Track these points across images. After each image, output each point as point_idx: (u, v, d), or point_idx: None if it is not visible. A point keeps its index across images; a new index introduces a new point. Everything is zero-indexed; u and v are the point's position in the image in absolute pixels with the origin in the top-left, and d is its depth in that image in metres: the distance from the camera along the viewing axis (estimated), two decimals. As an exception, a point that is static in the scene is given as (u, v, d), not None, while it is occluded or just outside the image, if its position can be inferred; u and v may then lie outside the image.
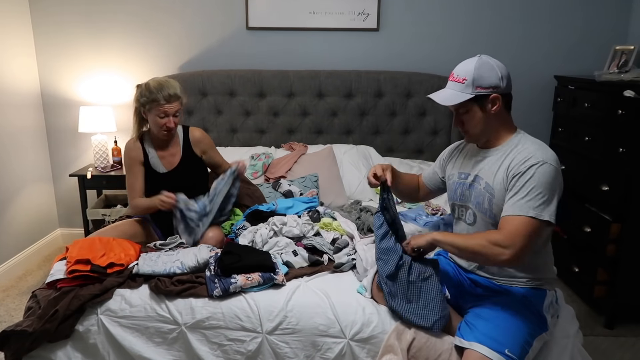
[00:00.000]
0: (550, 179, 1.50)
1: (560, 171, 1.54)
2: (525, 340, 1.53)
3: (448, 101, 1.62)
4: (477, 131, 1.64)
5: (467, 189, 1.70)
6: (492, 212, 1.61)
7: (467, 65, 1.60)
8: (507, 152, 1.61)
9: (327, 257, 2.05)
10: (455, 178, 1.77)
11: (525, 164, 1.52)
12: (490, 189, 1.61)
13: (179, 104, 2.26)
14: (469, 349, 1.50)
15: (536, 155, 1.52)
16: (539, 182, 1.49)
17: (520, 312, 1.58)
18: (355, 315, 1.69)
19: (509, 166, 1.56)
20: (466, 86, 1.58)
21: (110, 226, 2.29)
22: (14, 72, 3.20)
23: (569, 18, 3.26)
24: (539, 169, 1.50)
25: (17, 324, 1.71)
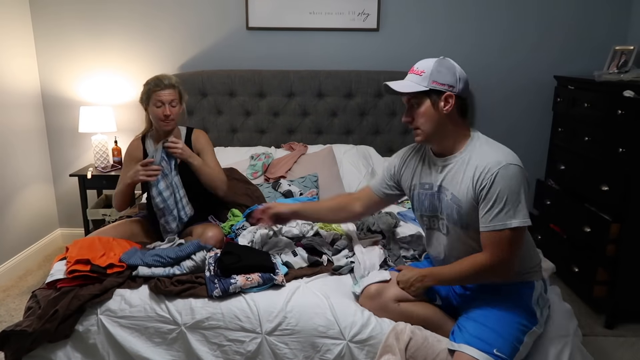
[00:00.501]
0: (515, 181, 1.50)
1: (522, 166, 1.53)
2: (515, 338, 1.53)
3: (401, 88, 1.62)
4: (426, 128, 1.62)
5: (435, 199, 1.68)
6: (463, 221, 1.61)
7: (428, 61, 1.61)
8: (467, 161, 1.59)
9: (327, 257, 2.05)
10: (419, 189, 1.74)
11: (490, 173, 1.51)
12: (457, 200, 1.60)
13: (175, 93, 2.28)
14: (458, 351, 1.51)
15: (498, 160, 1.51)
16: (508, 189, 1.49)
17: (508, 309, 1.58)
18: (354, 317, 1.69)
19: (474, 177, 1.55)
20: (423, 78, 1.59)
21: (110, 226, 2.29)
22: (14, 72, 3.20)
23: (569, 18, 3.25)
24: (504, 173, 1.49)
25: (17, 324, 1.71)
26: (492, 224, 1.51)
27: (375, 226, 2.31)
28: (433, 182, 1.68)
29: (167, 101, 2.25)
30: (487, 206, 1.52)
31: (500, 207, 1.49)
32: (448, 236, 1.69)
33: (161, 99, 2.24)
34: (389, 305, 1.68)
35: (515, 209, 1.49)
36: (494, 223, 1.51)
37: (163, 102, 2.25)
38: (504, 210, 1.49)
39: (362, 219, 2.20)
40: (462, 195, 1.58)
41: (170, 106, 2.26)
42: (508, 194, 1.49)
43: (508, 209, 1.49)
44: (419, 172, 1.75)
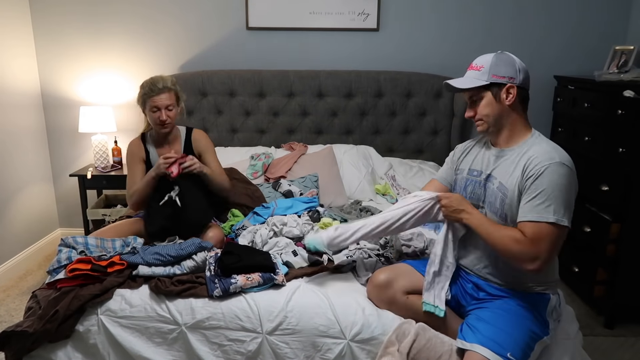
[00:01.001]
0: (565, 181, 1.49)
1: (574, 172, 1.52)
2: (527, 345, 1.53)
3: (463, 85, 1.63)
4: (489, 120, 1.63)
5: (480, 186, 1.69)
6: (504, 212, 1.60)
7: (487, 56, 1.63)
8: (522, 153, 1.59)
9: (327, 257, 2.05)
10: (465, 174, 1.76)
11: (541, 165, 1.51)
12: (504, 189, 1.60)
13: (171, 97, 2.26)
14: (470, 350, 1.50)
15: (552, 156, 1.51)
16: (555, 185, 1.48)
17: (523, 316, 1.57)
18: (355, 316, 1.69)
19: (525, 167, 1.55)
20: (482, 73, 1.60)
21: (110, 226, 2.29)
22: (14, 72, 3.20)
23: (569, 18, 3.26)
24: (555, 170, 1.49)
25: (18, 324, 1.71)
26: (531, 214, 1.50)
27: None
28: (483, 170, 1.69)
29: (162, 106, 2.24)
30: (529, 196, 1.51)
31: (542, 200, 1.48)
32: None
33: (156, 105, 2.23)
34: (397, 297, 1.67)
35: (557, 206, 1.47)
36: (532, 214, 1.49)
37: (159, 107, 2.23)
38: (545, 203, 1.48)
39: None
40: (510, 184, 1.58)
41: (167, 110, 2.25)
42: (553, 189, 1.48)
43: (549, 203, 1.47)
44: (472, 159, 1.77)
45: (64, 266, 1.89)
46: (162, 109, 2.24)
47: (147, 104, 2.25)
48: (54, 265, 1.90)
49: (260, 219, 2.36)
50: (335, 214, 2.41)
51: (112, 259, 1.89)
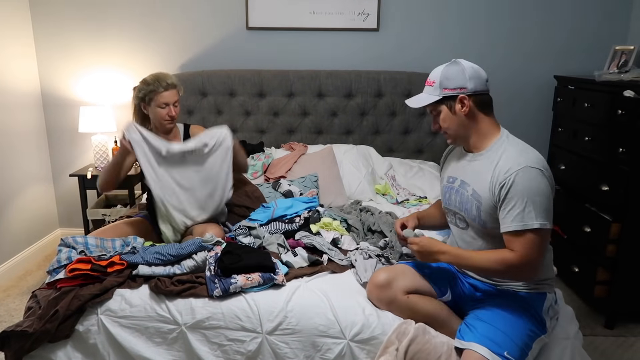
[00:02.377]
0: (537, 183, 1.49)
1: (546, 171, 1.52)
2: (525, 343, 1.53)
3: (417, 104, 1.67)
4: (452, 132, 1.66)
5: (454, 193, 1.71)
6: (481, 218, 1.61)
7: (438, 68, 1.64)
8: (491, 158, 1.60)
9: (327, 257, 2.05)
10: (445, 182, 1.78)
11: (510, 172, 1.51)
12: (478, 196, 1.61)
13: (177, 93, 2.30)
14: (467, 349, 1.51)
15: (519, 161, 1.51)
16: (528, 191, 1.48)
17: (520, 315, 1.58)
18: (355, 316, 1.69)
19: (493, 176, 1.56)
20: (434, 88, 1.63)
21: (110, 226, 2.29)
22: (14, 72, 3.20)
23: (569, 18, 3.26)
24: (525, 175, 1.49)
25: (18, 324, 1.71)
26: (514, 224, 1.50)
27: (376, 226, 2.32)
28: (458, 176, 1.71)
29: (171, 102, 2.26)
30: (507, 207, 1.51)
31: (521, 208, 1.49)
32: (466, 231, 1.71)
33: (166, 101, 2.25)
34: (398, 296, 1.67)
35: (536, 211, 1.48)
36: (515, 223, 1.50)
37: (167, 103, 2.26)
38: (525, 211, 1.48)
39: None
40: (483, 192, 1.59)
41: (174, 106, 2.28)
42: (528, 195, 1.48)
43: (529, 210, 1.48)
44: (449, 166, 1.80)
45: (64, 266, 1.89)
46: (171, 105, 2.26)
47: (153, 101, 2.26)
48: (54, 265, 1.90)
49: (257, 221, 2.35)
50: (335, 214, 2.41)
51: (112, 259, 1.89)
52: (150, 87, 2.25)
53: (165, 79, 2.26)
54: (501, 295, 1.66)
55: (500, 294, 1.66)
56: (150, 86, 2.25)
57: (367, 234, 2.32)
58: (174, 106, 2.28)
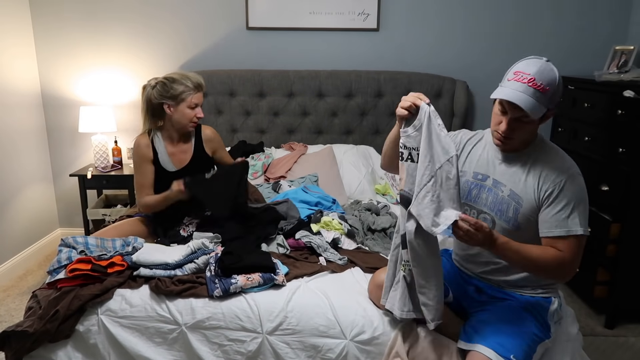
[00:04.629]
0: (582, 190, 1.52)
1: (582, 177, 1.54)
2: (529, 347, 1.52)
3: (535, 114, 1.46)
4: (522, 139, 1.55)
5: (486, 192, 1.63)
6: (517, 221, 1.56)
7: (550, 73, 1.48)
8: (532, 160, 1.56)
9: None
10: (469, 177, 1.66)
11: (559, 177, 1.51)
12: (517, 198, 1.56)
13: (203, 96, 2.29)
14: (473, 351, 1.50)
15: (566, 167, 1.53)
16: (577, 197, 1.50)
17: (525, 318, 1.57)
18: (355, 316, 1.69)
19: (540, 177, 1.53)
20: (546, 97, 1.46)
21: (110, 226, 2.29)
22: (14, 72, 3.20)
23: (569, 18, 3.26)
24: (574, 181, 1.50)
25: (18, 324, 1.71)
26: (559, 229, 1.50)
27: (376, 225, 2.32)
28: (489, 174, 1.63)
29: (200, 103, 2.25)
30: (553, 210, 1.51)
31: (568, 212, 1.49)
32: None
33: (197, 101, 2.23)
34: None
35: (581, 218, 1.49)
36: (559, 229, 1.49)
37: (198, 104, 2.24)
38: (571, 216, 1.49)
39: None
40: (525, 194, 1.55)
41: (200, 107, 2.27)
42: (576, 201, 1.49)
43: (574, 216, 1.49)
44: (476, 160, 1.67)
45: (64, 266, 1.89)
46: (200, 106, 2.26)
47: (184, 101, 2.20)
48: (54, 266, 1.90)
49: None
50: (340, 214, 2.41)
51: (113, 259, 1.89)
52: (182, 87, 2.18)
53: (195, 78, 2.23)
54: (507, 298, 1.65)
55: (506, 297, 1.65)
56: (182, 86, 2.18)
57: (367, 234, 2.32)
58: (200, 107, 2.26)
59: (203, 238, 2.05)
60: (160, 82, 2.20)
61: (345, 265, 2.01)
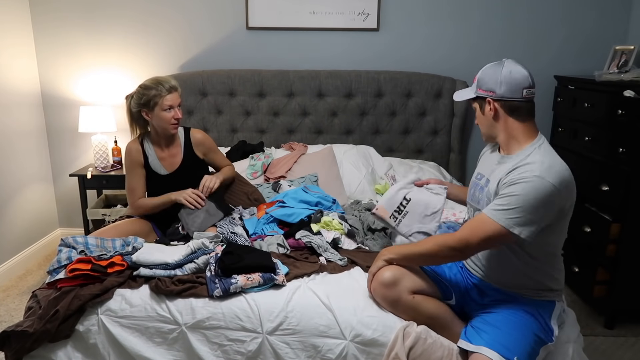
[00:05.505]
0: (540, 196, 1.45)
1: (561, 190, 1.47)
2: (533, 349, 1.52)
3: (458, 97, 1.78)
4: (482, 130, 1.73)
5: (479, 190, 1.72)
6: None
7: (484, 67, 1.69)
8: (517, 162, 1.57)
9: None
10: (473, 178, 1.80)
11: (523, 175, 1.49)
12: (491, 195, 1.63)
13: (179, 96, 2.29)
14: (476, 352, 1.49)
15: (531, 169, 1.49)
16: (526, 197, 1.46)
17: (529, 320, 1.57)
18: (355, 317, 1.69)
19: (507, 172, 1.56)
20: (474, 86, 1.70)
21: (110, 226, 2.29)
22: (14, 72, 3.20)
23: (569, 18, 3.26)
24: (534, 185, 1.46)
25: (18, 324, 1.71)
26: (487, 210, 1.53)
27: (376, 225, 2.32)
28: (485, 174, 1.72)
29: (175, 104, 2.25)
30: (500, 199, 1.51)
31: (511, 207, 1.48)
32: None
33: (170, 103, 2.23)
34: (403, 295, 1.65)
35: (515, 215, 1.47)
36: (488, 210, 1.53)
37: (172, 105, 2.24)
38: (512, 212, 1.47)
39: None
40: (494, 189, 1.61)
41: (178, 108, 2.27)
42: (520, 200, 1.46)
43: (517, 216, 1.47)
44: (482, 164, 1.82)
45: (64, 266, 1.89)
46: (175, 107, 2.25)
47: (158, 105, 2.23)
48: (54, 266, 1.90)
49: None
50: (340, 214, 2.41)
51: (113, 259, 1.89)
52: (153, 92, 2.21)
53: (166, 82, 2.24)
54: (510, 300, 1.65)
55: (509, 299, 1.65)
56: (153, 90, 2.21)
57: (367, 234, 2.32)
58: (178, 108, 2.27)
59: (203, 238, 2.05)
60: (136, 91, 2.27)
61: (345, 266, 2.00)
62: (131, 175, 2.35)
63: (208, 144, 2.45)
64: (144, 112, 2.27)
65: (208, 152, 2.45)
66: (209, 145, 2.46)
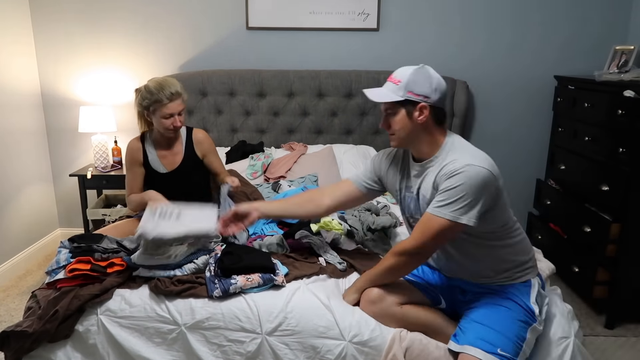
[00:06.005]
0: (476, 182, 1.48)
1: (493, 171, 1.51)
2: (517, 335, 1.53)
3: (378, 98, 1.63)
4: (401, 135, 1.64)
5: (415, 202, 1.71)
6: None
7: (406, 69, 1.61)
8: (440, 165, 1.59)
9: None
10: (405, 192, 1.76)
11: (453, 168, 1.51)
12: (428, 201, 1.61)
13: (182, 102, 2.24)
14: (462, 352, 1.51)
15: (463, 161, 1.51)
16: (467, 187, 1.48)
17: (507, 308, 1.59)
18: (354, 318, 1.69)
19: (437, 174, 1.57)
20: (399, 88, 1.59)
21: (110, 226, 2.29)
22: (14, 72, 3.20)
23: (569, 18, 3.25)
24: (466, 172, 1.48)
25: (17, 324, 1.71)
26: (431, 208, 1.53)
27: (376, 225, 2.32)
28: (413, 186, 1.71)
29: (175, 112, 2.20)
30: (440, 195, 1.52)
31: (452, 200, 1.49)
32: None
33: (170, 112, 2.19)
34: (391, 308, 1.67)
35: (458, 204, 1.49)
36: (431, 208, 1.53)
37: (172, 114, 2.20)
38: (454, 204, 1.49)
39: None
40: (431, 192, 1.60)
41: (179, 115, 2.23)
42: (463, 193, 1.48)
43: (460, 206, 1.49)
44: (404, 176, 1.76)
45: (63, 267, 1.89)
46: (175, 115, 2.21)
47: (158, 111, 2.20)
48: (53, 266, 1.90)
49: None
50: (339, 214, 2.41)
51: (112, 260, 1.89)
52: (155, 97, 2.17)
53: (169, 87, 2.18)
54: (486, 293, 1.66)
55: (485, 290, 1.67)
56: (154, 96, 2.17)
57: (366, 234, 2.32)
58: (178, 115, 2.22)
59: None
60: (142, 89, 2.24)
61: (344, 271, 1.99)
62: (129, 172, 2.38)
63: (208, 144, 2.43)
64: (146, 113, 2.27)
65: (207, 153, 2.42)
66: (209, 147, 2.43)
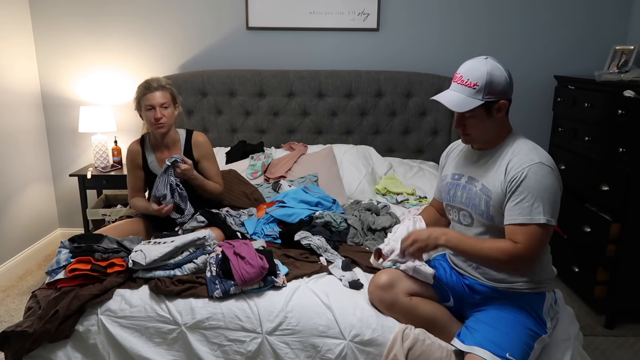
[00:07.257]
0: (549, 181, 1.52)
1: (556, 170, 1.56)
2: (526, 343, 1.53)
3: (459, 108, 1.58)
4: (479, 135, 1.65)
5: (460, 189, 1.71)
6: (490, 214, 1.62)
7: (478, 69, 1.56)
8: (502, 154, 1.62)
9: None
10: (449, 179, 1.78)
11: (522, 167, 1.53)
12: (487, 191, 1.62)
13: (165, 96, 2.26)
14: (469, 353, 1.50)
15: (532, 158, 1.54)
16: (540, 186, 1.51)
17: (520, 315, 1.58)
18: (354, 317, 1.69)
19: (507, 170, 1.57)
20: (477, 92, 1.56)
21: (110, 226, 2.29)
22: (14, 72, 3.20)
23: (569, 18, 3.26)
24: (537, 170, 1.52)
25: (18, 324, 1.71)
26: (521, 217, 1.52)
27: (376, 225, 2.32)
28: (464, 173, 1.72)
29: (157, 104, 2.23)
30: (516, 199, 1.53)
31: (530, 202, 1.51)
32: (471, 228, 1.71)
33: (151, 103, 2.23)
34: (400, 298, 1.65)
35: (544, 207, 1.51)
36: (522, 216, 1.52)
37: (153, 105, 2.23)
38: (533, 205, 1.51)
39: None
40: (494, 187, 1.60)
41: (162, 108, 2.24)
42: (539, 190, 1.51)
43: (537, 205, 1.51)
44: (455, 163, 1.79)
45: (63, 267, 1.89)
46: (157, 107, 2.23)
47: (142, 105, 2.26)
48: (53, 266, 1.90)
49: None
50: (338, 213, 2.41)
51: (112, 260, 1.89)
52: (139, 91, 2.25)
53: (152, 82, 2.25)
54: (500, 297, 1.65)
55: (499, 295, 1.66)
56: (139, 89, 2.25)
57: (366, 234, 2.32)
58: (162, 108, 2.23)
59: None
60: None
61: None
62: (130, 175, 2.41)
63: (205, 149, 2.40)
64: (138, 113, 2.33)
65: (202, 158, 2.39)
66: (206, 151, 2.40)
